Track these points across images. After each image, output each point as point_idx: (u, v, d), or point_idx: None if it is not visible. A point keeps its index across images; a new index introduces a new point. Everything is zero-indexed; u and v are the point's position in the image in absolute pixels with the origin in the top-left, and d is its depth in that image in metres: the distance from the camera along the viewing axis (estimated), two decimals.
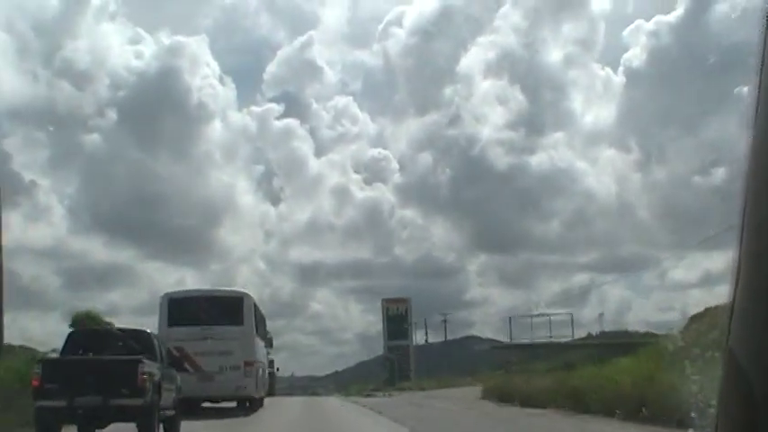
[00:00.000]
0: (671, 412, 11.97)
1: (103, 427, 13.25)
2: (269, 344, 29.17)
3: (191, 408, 21.48)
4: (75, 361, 13.11)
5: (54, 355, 14.80)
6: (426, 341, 78.35)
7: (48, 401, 12.24)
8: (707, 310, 21.72)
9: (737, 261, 1.23)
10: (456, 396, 32.92)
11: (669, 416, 12.44)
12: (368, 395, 46.76)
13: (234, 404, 23.13)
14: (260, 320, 25.34)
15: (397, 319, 72.61)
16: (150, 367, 12.85)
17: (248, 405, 23.15)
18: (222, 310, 22.28)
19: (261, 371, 24.46)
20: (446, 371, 64.17)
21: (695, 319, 22.23)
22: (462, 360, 71.14)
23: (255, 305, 24.13)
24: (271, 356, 32.90)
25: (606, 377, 18.44)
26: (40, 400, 12.40)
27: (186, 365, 21.46)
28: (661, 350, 15.39)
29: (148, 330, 14.99)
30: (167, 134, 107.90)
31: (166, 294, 22.77)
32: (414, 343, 74.25)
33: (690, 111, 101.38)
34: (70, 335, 14.33)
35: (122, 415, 12.62)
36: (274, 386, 38.43)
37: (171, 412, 14.55)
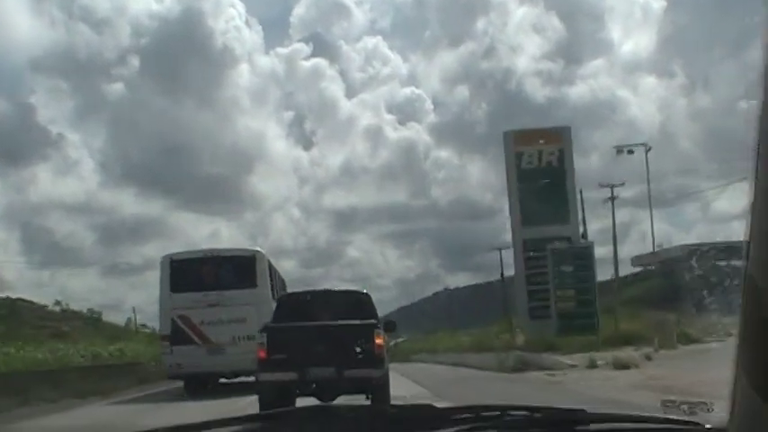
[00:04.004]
0: None
1: (332, 400, 11.10)
2: None
3: (201, 386, 18.70)
4: (306, 328, 11.51)
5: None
6: (585, 235, 35.67)
7: (276, 374, 10.85)
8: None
9: (754, 186, 1.20)
10: None
11: None
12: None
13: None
14: (278, 282, 22.21)
15: (539, 178, 32.80)
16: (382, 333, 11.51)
17: None
18: (232, 271, 19.22)
19: None
20: None
21: None
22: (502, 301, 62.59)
23: (271, 264, 20.98)
24: None
25: None
26: (267, 372, 11.00)
27: (193, 337, 18.65)
28: None
29: (365, 290, 13.34)
30: (193, 81, 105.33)
31: (167, 256, 19.75)
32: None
33: (735, 31, 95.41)
34: (281, 298, 12.90)
35: (356, 387, 11.03)
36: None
37: None
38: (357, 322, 11.37)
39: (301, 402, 11.33)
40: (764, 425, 1.19)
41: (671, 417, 1.71)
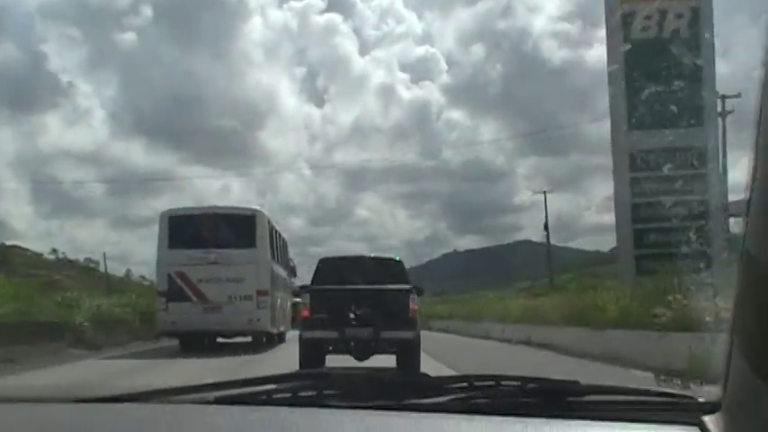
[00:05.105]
0: None
1: (366, 358, 12.14)
2: (291, 272, 26.05)
3: (196, 344, 18.75)
4: (346, 291, 12.17)
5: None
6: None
7: (317, 332, 11.63)
8: None
9: (753, 161, 1.17)
10: None
11: None
12: None
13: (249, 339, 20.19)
14: (279, 244, 22.23)
15: (658, 55, 19.66)
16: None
17: (265, 341, 20.25)
18: (231, 230, 19.20)
19: (279, 302, 21.44)
20: None
21: None
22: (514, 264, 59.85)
23: (272, 225, 20.98)
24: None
25: None
26: (308, 330, 11.80)
27: (189, 294, 18.69)
28: None
29: (398, 258, 13.92)
30: (206, 32, 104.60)
31: (166, 212, 19.73)
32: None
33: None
34: (321, 262, 13.42)
35: (390, 348, 11.98)
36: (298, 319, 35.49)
37: None
38: (395, 287, 12.07)
39: (331, 361, 11.91)
40: (757, 399, 1.19)
41: (665, 390, 1.70)
